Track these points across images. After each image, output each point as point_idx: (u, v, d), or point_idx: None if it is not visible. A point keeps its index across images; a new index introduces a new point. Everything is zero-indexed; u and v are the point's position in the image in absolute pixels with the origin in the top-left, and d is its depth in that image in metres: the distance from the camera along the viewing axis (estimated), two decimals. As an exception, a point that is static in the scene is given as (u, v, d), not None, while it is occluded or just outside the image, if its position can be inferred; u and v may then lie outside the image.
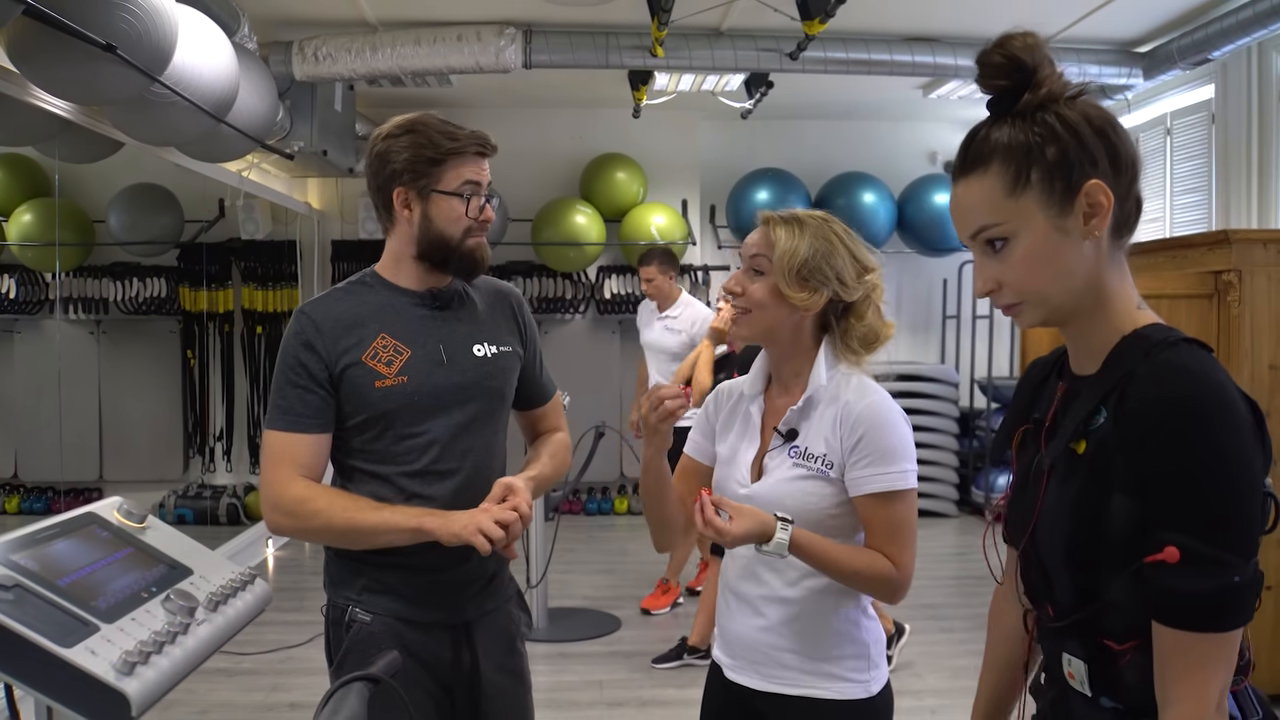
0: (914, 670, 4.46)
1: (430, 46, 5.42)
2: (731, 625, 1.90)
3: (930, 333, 8.39)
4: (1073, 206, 1.20)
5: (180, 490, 7.30)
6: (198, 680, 4.46)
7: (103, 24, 3.33)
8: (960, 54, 5.75)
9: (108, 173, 6.65)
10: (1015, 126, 1.22)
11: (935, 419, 7.62)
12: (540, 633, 5.04)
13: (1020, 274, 1.24)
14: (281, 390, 1.90)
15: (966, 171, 1.25)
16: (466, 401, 1.99)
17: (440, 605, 1.98)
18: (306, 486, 1.86)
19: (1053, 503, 1.28)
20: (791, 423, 1.83)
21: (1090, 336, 1.27)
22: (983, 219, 1.24)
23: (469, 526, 1.78)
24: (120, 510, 1.48)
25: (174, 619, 1.28)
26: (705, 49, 5.64)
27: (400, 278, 2.01)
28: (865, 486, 1.75)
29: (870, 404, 1.78)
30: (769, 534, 1.65)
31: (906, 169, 8.10)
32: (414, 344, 1.96)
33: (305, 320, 1.93)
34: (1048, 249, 1.22)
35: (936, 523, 7.48)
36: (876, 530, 1.76)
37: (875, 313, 1.86)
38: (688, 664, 4.55)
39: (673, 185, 7.91)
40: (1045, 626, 1.36)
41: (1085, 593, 1.24)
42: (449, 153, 1.93)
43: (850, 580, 1.74)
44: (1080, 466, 1.23)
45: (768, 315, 1.83)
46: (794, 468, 1.80)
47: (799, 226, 1.82)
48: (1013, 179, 1.21)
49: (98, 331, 7.58)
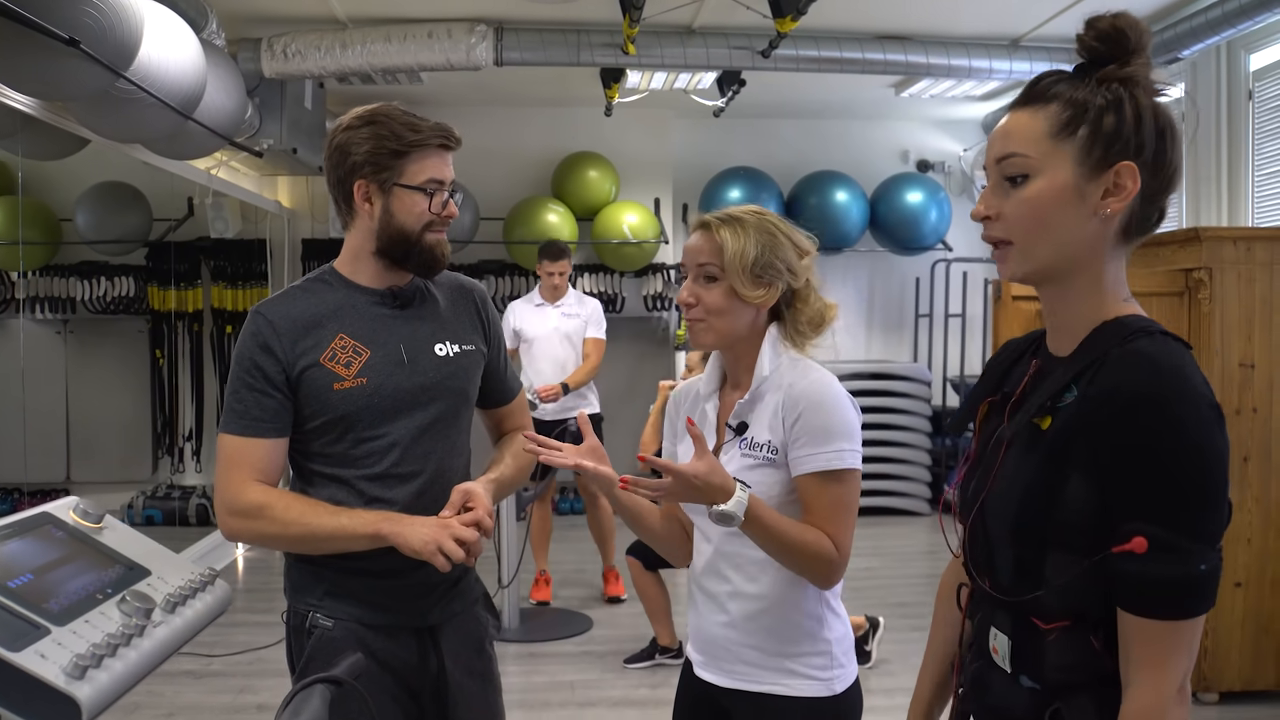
0: (886, 669, 4.47)
1: (400, 44, 5.38)
2: (699, 621, 1.89)
3: (903, 331, 8.41)
4: (1100, 178, 1.22)
5: (149, 491, 7.23)
6: (165, 682, 4.44)
7: (66, 18, 3.29)
8: (932, 53, 5.77)
9: (75, 171, 6.59)
10: (1087, 86, 1.23)
11: (908, 418, 7.63)
12: (511, 633, 5.01)
13: (1022, 212, 1.25)
14: (237, 393, 1.86)
15: (1024, 103, 1.27)
16: (429, 403, 1.95)
17: (404, 609, 1.94)
18: (263, 491, 1.82)
19: (1008, 475, 1.28)
20: (741, 415, 1.82)
21: (1072, 316, 1.28)
22: (1017, 146, 1.25)
23: (429, 544, 1.75)
24: (76, 510, 1.45)
25: (129, 621, 1.25)
26: (677, 47, 5.63)
27: (359, 275, 1.96)
28: (804, 466, 1.73)
29: (810, 383, 1.76)
30: (728, 493, 1.60)
31: (879, 168, 8.12)
32: (374, 344, 1.91)
33: (262, 321, 1.88)
34: (1058, 201, 1.23)
35: (909, 521, 7.49)
36: (815, 510, 1.73)
37: (816, 295, 1.86)
38: (660, 663, 4.54)
39: (645, 184, 7.90)
40: (979, 598, 1.38)
41: (1025, 568, 1.26)
42: (412, 145, 1.88)
43: (793, 557, 1.70)
44: (1042, 442, 1.24)
45: (727, 320, 1.81)
46: (742, 458, 1.79)
47: (741, 225, 1.80)
48: (1061, 124, 1.23)
49: (65, 331, 7.51)
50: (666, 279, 7.82)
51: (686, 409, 1.96)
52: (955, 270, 8.09)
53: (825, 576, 1.73)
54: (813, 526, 1.71)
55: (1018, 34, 5.79)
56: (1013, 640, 1.28)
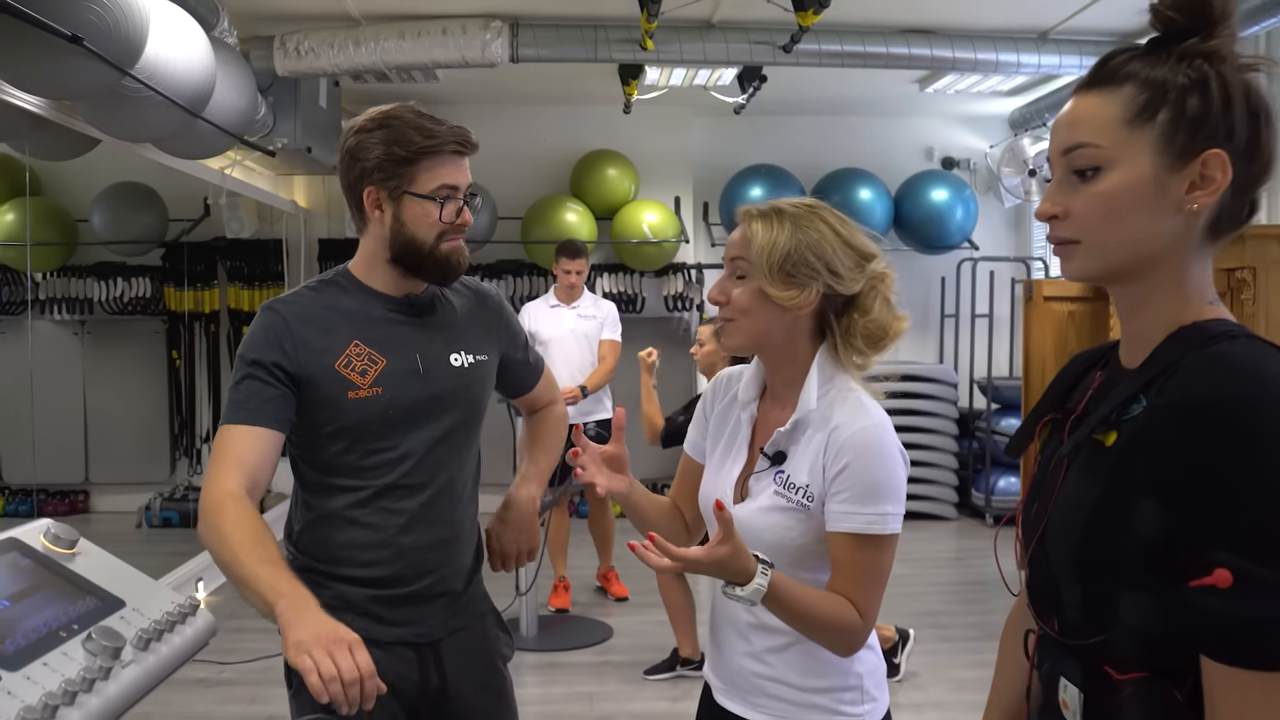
0: (915, 682, 4.33)
1: (414, 40, 5.29)
2: (719, 648, 1.77)
3: (928, 332, 8.25)
4: (1185, 168, 1.06)
5: (166, 493, 7.18)
6: (176, 691, 4.36)
7: (69, 15, 3.21)
8: (958, 46, 5.62)
9: (91, 171, 6.57)
10: (1166, 64, 1.08)
11: (934, 420, 7.49)
12: (529, 641, 4.91)
13: (1094, 209, 1.10)
14: (238, 385, 1.78)
15: (1091, 86, 1.12)
16: (442, 414, 1.89)
17: (404, 622, 1.88)
18: (230, 495, 1.64)
19: (1068, 500, 1.13)
20: (779, 445, 1.66)
21: (1147, 322, 1.12)
22: (1086, 135, 1.10)
23: (301, 645, 1.35)
24: (47, 535, 1.34)
25: (93, 663, 1.14)
26: (696, 42, 5.51)
27: (375, 280, 1.90)
28: (840, 523, 1.56)
29: (860, 431, 1.58)
30: (749, 575, 1.45)
31: (903, 165, 7.96)
32: (389, 353, 1.85)
33: (275, 317, 1.81)
34: (1135, 196, 1.08)
35: (935, 526, 7.35)
36: (845, 572, 1.57)
37: (884, 305, 1.66)
38: (681, 675, 4.43)
39: (665, 182, 7.77)
40: (1046, 643, 1.20)
41: (1094, 608, 1.09)
42: (422, 151, 1.80)
43: (812, 631, 1.55)
44: (1105, 460, 1.08)
45: (755, 321, 1.65)
46: (775, 495, 1.64)
47: (778, 218, 1.63)
48: (1138, 109, 1.08)
49: (82, 332, 7.49)
50: (687, 279, 7.70)
51: (723, 407, 1.81)
52: (982, 270, 7.94)
53: (846, 647, 1.59)
54: (836, 593, 1.56)
55: (1046, 26, 5.64)
56: (1084, 693, 1.12)
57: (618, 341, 5.54)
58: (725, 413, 1.80)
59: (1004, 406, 7.48)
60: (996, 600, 5.42)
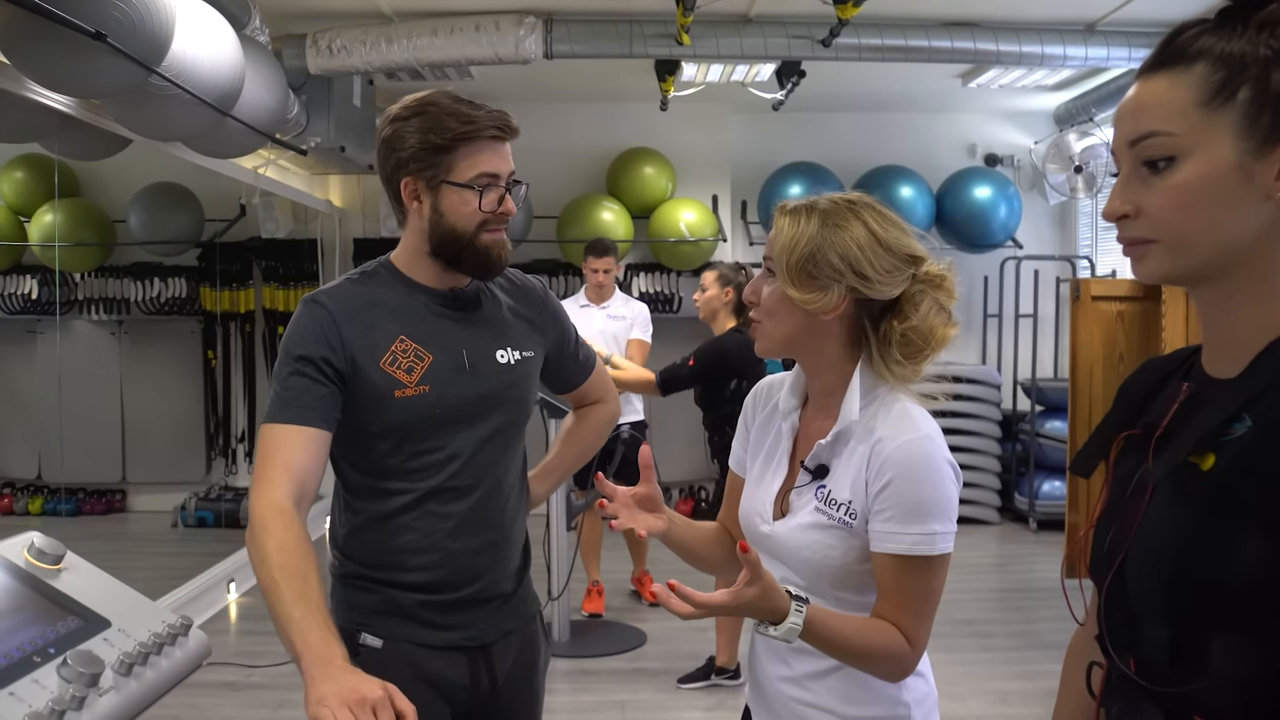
0: (954, 694, 4.20)
1: (447, 37, 5.22)
2: (757, 669, 1.66)
3: (971, 332, 8.07)
4: (1273, 151, 0.94)
5: (202, 493, 7.19)
6: (203, 694, 4.32)
7: (92, 12, 3.17)
8: (1002, 39, 5.46)
9: (127, 172, 6.60)
10: (1243, 35, 0.95)
11: (976, 422, 7.34)
12: (561, 647, 4.83)
13: (1170, 204, 0.98)
14: (285, 381, 1.70)
15: (1157, 67, 1.00)
16: (489, 413, 1.82)
17: (455, 627, 1.82)
18: (279, 512, 1.55)
19: (1155, 528, 1.01)
20: (820, 458, 1.54)
21: (1239, 326, 1.00)
22: (1156, 123, 0.98)
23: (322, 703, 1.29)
24: (31, 550, 1.27)
25: (66, 691, 1.06)
26: (733, 37, 5.39)
27: (418, 273, 1.83)
28: (885, 544, 1.45)
29: (905, 444, 1.45)
30: (782, 614, 1.35)
31: (945, 162, 7.81)
32: (436, 349, 1.78)
33: (321, 311, 1.74)
34: (1217, 186, 0.95)
35: (977, 530, 7.18)
36: (890, 596, 1.45)
37: (931, 311, 1.50)
38: (715, 684, 4.33)
39: (702, 180, 7.65)
40: (1117, 681, 1.08)
41: (1182, 651, 0.97)
42: (460, 138, 1.73)
43: (857, 662, 1.45)
44: (1203, 486, 0.96)
45: (780, 325, 1.53)
46: (816, 512, 1.52)
47: (806, 215, 1.50)
48: (1213, 89, 0.95)
49: (119, 332, 7.51)
50: (727, 279, 7.58)
51: (764, 417, 1.70)
52: (1026, 268, 7.77)
53: (895, 675, 1.48)
54: (883, 618, 1.45)
55: (1094, 17, 5.46)
56: None
57: (646, 342, 5.44)
58: (766, 423, 1.69)
59: (1048, 408, 7.30)
60: (1041, 609, 5.26)
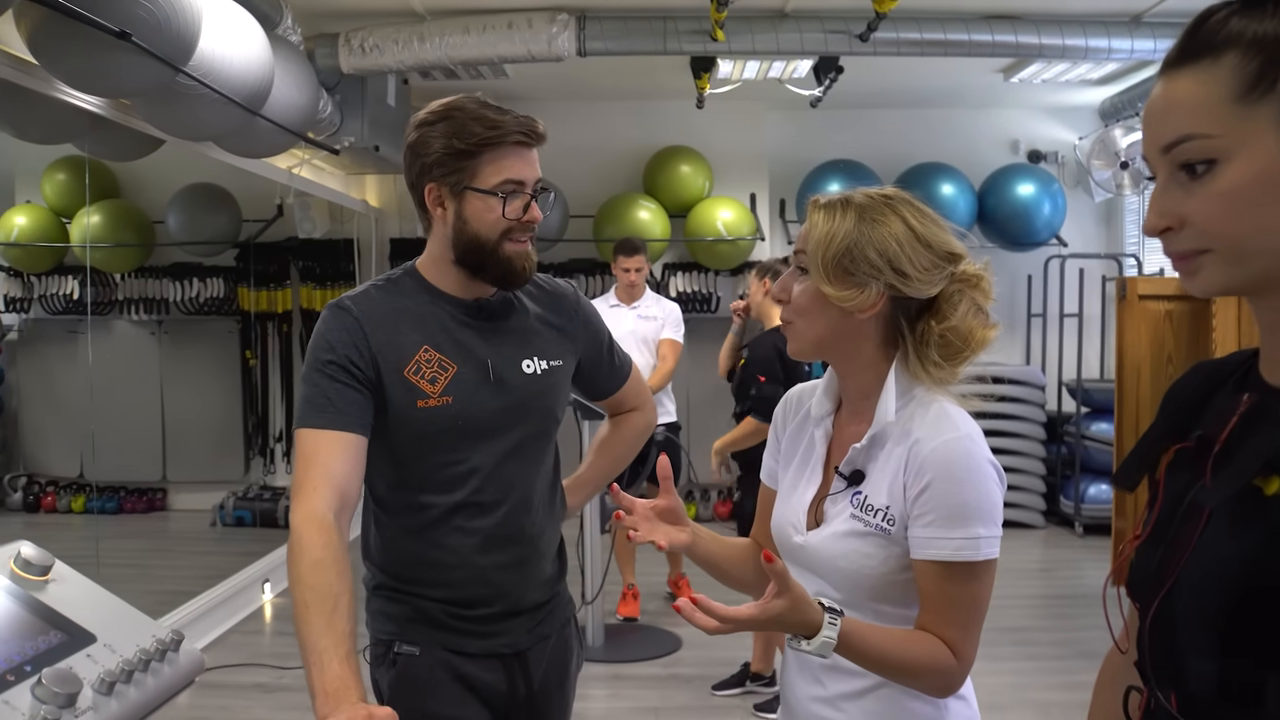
0: (998, 705, 4.08)
1: (480, 35, 5.19)
2: (789, 688, 1.58)
3: (1014, 332, 7.92)
4: None
5: (240, 492, 7.22)
6: (234, 696, 4.30)
7: (117, 11, 3.15)
8: (1045, 32, 5.32)
9: (166, 173, 6.64)
10: (1274, 15, 0.85)
11: (1020, 424, 7.18)
12: (596, 652, 4.77)
13: (1218, 211, 0.87)
14: (317, 385, 1.66)
15: (1183, 61, 0.90)
16: (514, 425, 1.78)
17: (490, 635, 1.82)
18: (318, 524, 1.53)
19: (1210, 555, 0.92)
20: (855, 463, 1.47)
21: None
22: (1189, 125, 0.88)
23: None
24: (17, 560, 1.23)
25: (38, 711, 1.02)
26: (769, 32, 5.31)
27: (442, 282, 1.80)
28: (926, 550, 1.38)
29: (944, 445, 1.39)
30: (814, 628, 1.28)
31: (987, 159, 7.67)
32: (460, 360, 1.74)
33: (349, 317, 1.71)
34: (1268, 185, 0.85)
35: (1021, 535, 7.02)
36: (933, 606, 1.38)
37: (970, 311, 1.45)
38: (750, 691, 4.25)
39: (740, 178, 7.57)
40: (1157, 713, 0.99)
41: (1235, 687, 0.88)
42: (484, 143, 1.69)
43: (899, 677, 1.38)
44: (1267, 513, 0.87)
45: (813, 324, 1.46)
46: (851, 519, 1.44)
47: (842, 209, 1.44)
48: (1249, 81, 0.85)
49: (159, 332, 7.57)
50: (763, 277, 7.50)
51: (795, 426, 1.63)
52: (1070, 267, 7.61)
53: (941, 689, 1.41)
54: (926, 629, 1.38)
55: (1140, 9, 5.31)
56: None
57: (678, 342, 5.36)
58: (798, 432, 1.62)
59: (1094, 410, 7.14)
60: (1086, 616, 5.12)
